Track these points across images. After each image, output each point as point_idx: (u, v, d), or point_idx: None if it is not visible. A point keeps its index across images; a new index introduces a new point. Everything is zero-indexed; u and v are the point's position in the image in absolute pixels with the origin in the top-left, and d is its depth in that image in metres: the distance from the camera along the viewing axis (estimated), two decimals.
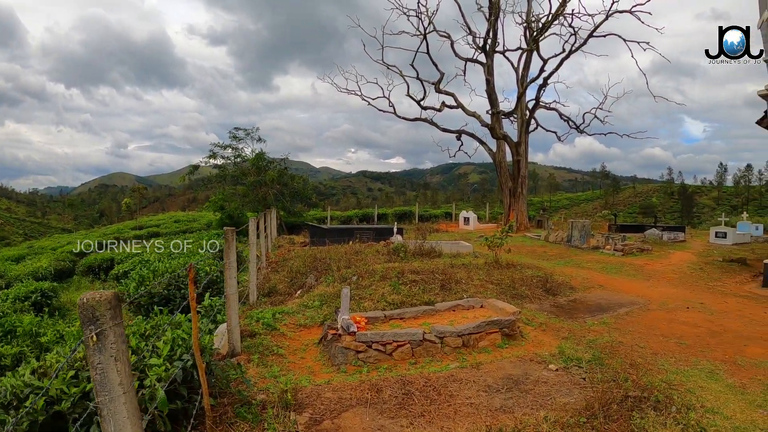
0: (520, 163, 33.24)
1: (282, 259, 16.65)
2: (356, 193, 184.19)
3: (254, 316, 8.82)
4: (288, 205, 35.36)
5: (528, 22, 34.68)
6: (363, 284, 11.30)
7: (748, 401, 6.22)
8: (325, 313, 9.41)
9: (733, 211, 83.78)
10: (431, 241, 18.30)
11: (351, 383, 6.33)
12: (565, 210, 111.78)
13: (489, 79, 34.62)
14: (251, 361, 6.93)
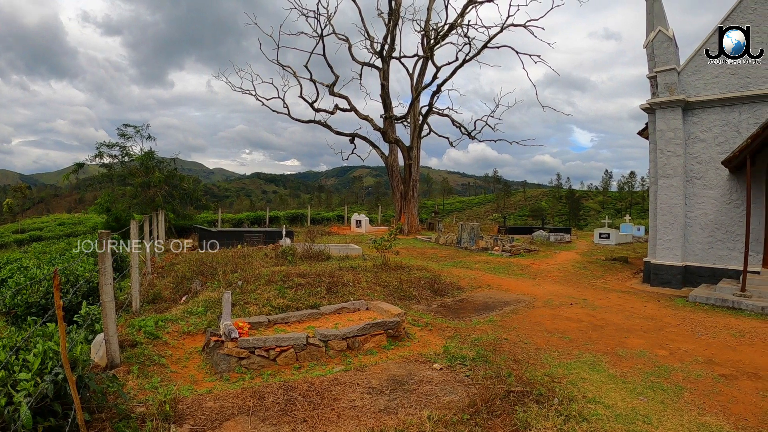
0: (412, 167, 33.84)
1: (168, 264, 16.21)
2: (250, 195, 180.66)
3: (136, 324, 8.49)
4: (177, 207, 34.27)
5: (426, 31, 35.39)
6: (248, 289, 11.15)
7: (629, 389, 6.50)
8: (209, 319, 9.21)
9: (617, 214, 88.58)
10: (320, 244, 18.34)
11: (233, 391, 6.17)
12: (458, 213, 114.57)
13: (384, 84, 35.03)
14: (131, 372, 6.60)
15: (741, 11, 15.45)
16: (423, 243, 26.60)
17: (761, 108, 15.09)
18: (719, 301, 12.85)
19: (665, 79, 16.51)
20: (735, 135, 15.48)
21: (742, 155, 13.68)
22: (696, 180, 16.23)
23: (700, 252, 16.09)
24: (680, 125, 16.27)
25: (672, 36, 16.69)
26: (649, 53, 17.15)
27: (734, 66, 15.64)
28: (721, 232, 15.73)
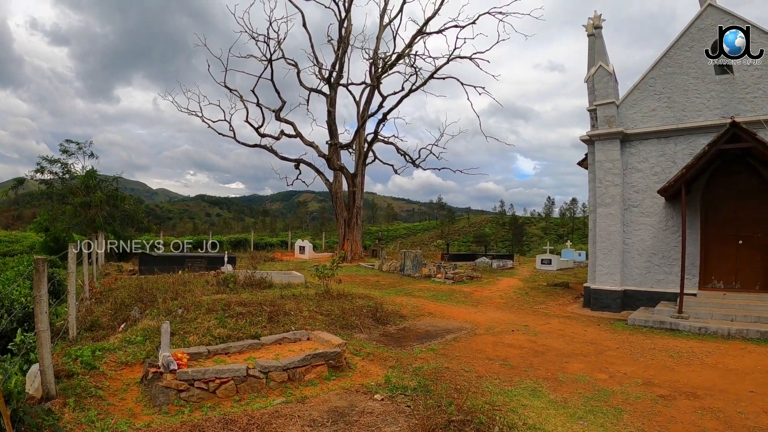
0: (356, 194, 33.84)
1: (107, 289, 15.71)
2: (194, 218, 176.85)
3: (72, 353, 8.13)
4: (118, 229, 33.20)
5: (374, 59, 35.72)
6: (188, 317, 10.84)
7: (569, 414, 6.52)
8: (148, 349, 8.90)
9: (560, 239, 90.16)
10: (263, 271, 18.04)
11: (172, 425, 5.88)
12: (403, 239, 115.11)
13: (331, 111, 35.09)
14: (67, 405, 6.25)
15: (658, 70, 16.96)
16: (366, 270, 26.51)
17: (696, 139, 15.86)
18: (657, 323, 13.22)
19: (605, 113, 17.23)
20: (671, 165, 16.15)
21: (677, 184, 14.25)
22: (633, 208, 16.81)
23: (638, 276, 16.59)
24: (618, 156, 16.95)
25: (612, 71, 17.52)
26: (589, 87, 17.93)
27: (670, 100, 16.55)
28: (658, 257, 16.29)
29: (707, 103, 16.11)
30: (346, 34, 35.51)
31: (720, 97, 15.94)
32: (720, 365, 9.36)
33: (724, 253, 15.37)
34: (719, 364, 9.47)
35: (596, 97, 17.61)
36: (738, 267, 15.18)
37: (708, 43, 16.31)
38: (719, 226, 15.50)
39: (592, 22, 18.36)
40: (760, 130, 14.52)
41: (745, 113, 15.33)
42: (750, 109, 15.42)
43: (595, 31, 18.22)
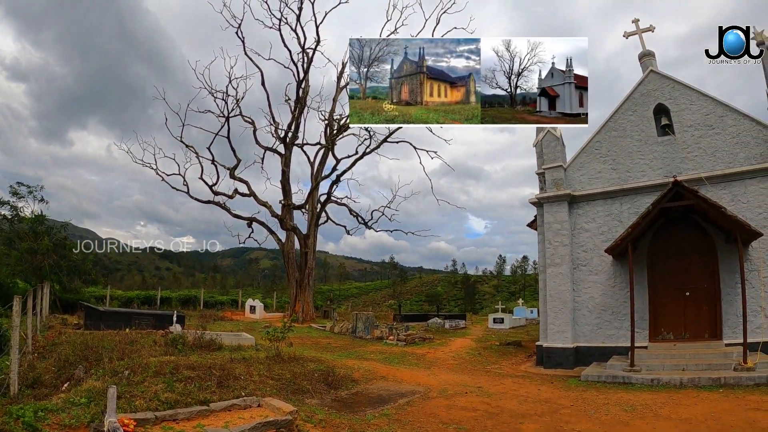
0: (308, 255, 33.63)
1: (51, 344, 15.08)
2: (143, 271, 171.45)
3: (14, 412, 7.73)
4: (64, 279, 31.89)
5: (329, 121, 36.15)
6: (135, 380, 10.45)
7: None
8: (93, 412, 8.49)
9: (512, 297, 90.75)
10: (213, 331, 17.65)
11: None
12: (355, 299, 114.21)
13: (285, 170, 35.12)
14: None
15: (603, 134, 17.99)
16: (318, 332, 26.14)
17: (640, 199, 16.49)
18: (610, 378, 13.35)
19: (553, 176, 17.88)
20: (617, 224, 16.67)
21: (624, 243, 14.67)
22: (582, 267, 17.19)
23: (589, 333, 16.82)
24: (566, 217, 17.49)
25: (559, 136, 18.34)
26: (538, 152, 18.67)
27: (615, 162, 17.41)
28: (608, 313, 16.60)
29: (650, 163, 16.93)
30: (304, 94, 35.95)
31: (662, 157, 16.79)
32: (674, 416, 9.41)
33: (672, 305, 15.81)
34: (673, 414, 9.52)
35: (544, 161, 18.31)
36: (686, 317, 15.61)
37: (650, 107, 17.36)
38: (666, 280, 15.98)
39: None
40: (702, 187, 15.27)
41: (687, 171, 16.14)
42: (691, 167, 16.25)
43: None
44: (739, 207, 15.40)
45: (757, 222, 14.94)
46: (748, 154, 15.87)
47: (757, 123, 15.98)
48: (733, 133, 16.22)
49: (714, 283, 15.34)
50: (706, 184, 15.68)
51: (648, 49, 18.42)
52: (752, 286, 14.81)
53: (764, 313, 14.68)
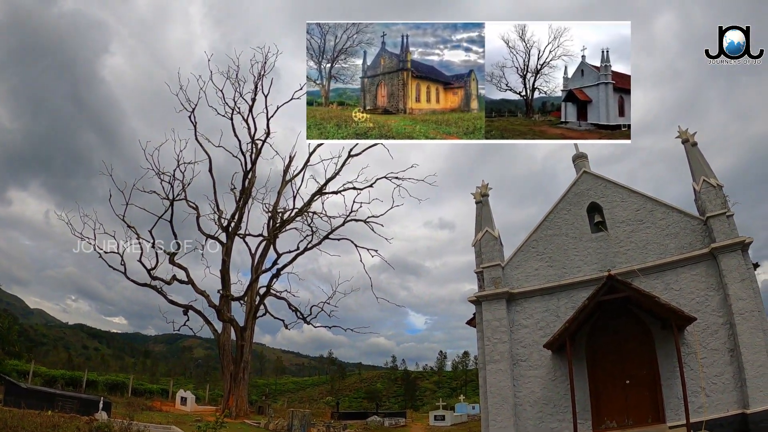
0: (244, 348, 32.47)
1: None
2: (69, 348, 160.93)
3: None
4: None
5: (273, 214, 36.00)
6: None
7: None
8: None
9: (453, 393, 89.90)
10: (141, 422, 16.77)
11: None
12: (292, 394, 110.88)
13: (225, 260, 34.39)
14: None
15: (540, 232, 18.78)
16: (252, 429, 25.11)
17: (577, 294, 16.94)
18: None
19: (491, 274, 18.34)
20: (555, 319, 17.04)
21: (562, 337, 15.03)
22: (522, 362, 17.35)
23: (532, 427, 16.74)
24: (505, 314, 17.81)
25: (497, 236, 19.02)
26: (477, 251, 19.22)
27: (551, 259, 18.09)
28: (550, 406, 16.60)
29: (585, 259, 17.62)
30: (250, 185, 35.82)
31: (597, 252, 17.55)
32: None
33: (613, 394, 16.10)
34: None
35: (483, 260, 18.80)
36: (628, 404, 15.89)
37: (584, 206, 18.37)
38: (606, 370, 16.34)
39: (479, 190, 20.13)
40: (636, 279, 16.01)
41: (621, 265, 16.85)
42: (625, 260, 17.02)
43: (482, 198, 19.93)
44: (673, 294, 16.14)
45: (691, 307, 15.73)
46: (678, 244, 16.85)
47: (685, 214, 17.18)
48: (662, 225, 17.23)
49: (653, 368, 15.82)
50: (639, 275, 16.41)
51: (581, 152, 19.71)
52: (690, 368, 15.33)
53: (704, 392, 15.13)
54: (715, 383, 15.30)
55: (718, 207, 16.46)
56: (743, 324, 15.13)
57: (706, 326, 15.76)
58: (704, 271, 16.30)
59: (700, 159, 17.55)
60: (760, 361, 14.74)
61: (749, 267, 16.10)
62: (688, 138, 17.97)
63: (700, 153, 17.75)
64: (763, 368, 14.67)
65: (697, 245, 16.61)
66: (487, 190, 20.12)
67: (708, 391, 15.25)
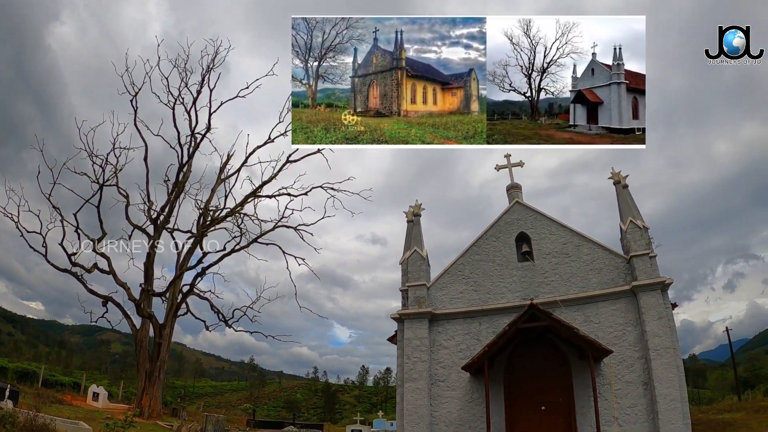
0: (162, 346, 31.45)
1: None
2: None
3: None
4: None
5: (204, 211, 35.14)
6: None
7: None
8: None
9: (373, 408, 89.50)
10: (48, 415, 16.11)
11: None
12: (209, 398, 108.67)
13: (151, 254, 33.28)
14: None
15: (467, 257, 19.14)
16: (164, 430, 24.38)
17: (498, 319, 17.32)
18: None
19: (416, 293, 18.53)
20: (475, 342, 17.34)
21: (480, 360, 15.30)
22: (440, 382, 17.53)
23: None
24: (426, 334, 17.98)
25: (425, 256, 19.24)
26: (403, 269, 19.43)
27: (476, 284, 18.47)
28: (465, 427, 16.80)
29: (510, 286, 18.06)
30: (184, 179, 35.12)
31: (521, 281, 18.01)
32: None
33: (529, 419, 16.41)
34: None
35: (409, 278, 18.99)
36: (543, 430, 16.23)
37: (513, 235, 18.84)
38: (523, 395, 16.62)
39: (412, 210, 20.40)
40: (557, 309, 16.55)
41: (544, 295, 17.35)
42: (548, 291, 17.55)
43: (414, 218, 20.18)
44: (592, 327, 16.74)
45: (608, 340, 16.34)
46: (601, 280, 17.49)
47: (610, 252, 17.85)
48: (587, 260, 17.85)
49: (569, 396, 16.25)
50: (561, 306, 16.96)
51: (515, 182, 20.22)
52: (605, 399, 15.93)
53: (617, 423, 15.75)
54: (629, 414, 15.91)
55: (642, 247, 17.16)
56: (658, 359, 15.80)
57: (623, 359, 16.41)
58: (624, 307, 16.96)
59: (629, 200, 18.27)
60: (672, 395, 15.41)
61: (667, 306, 16.82)
62: (620, 180, 18.70)
63: (630, 195, 18.48)
64: (675, 402, 15.34)
65: (619, 282, 17.27)
66: (420, 210, 20.41)
67: (621, 422, 15.86)
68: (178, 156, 35.70)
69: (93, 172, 33.48)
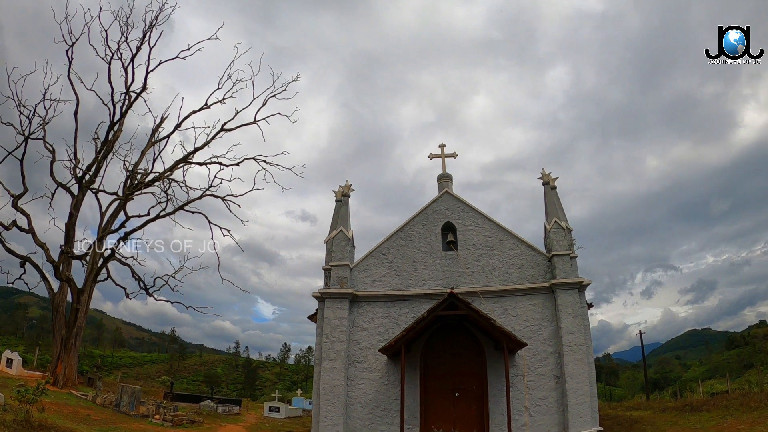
0: (79, 312, 30.33)
1: None
2: None
3: None
4: None
5: (132, 173, 34.03)
6: None
7: None
8: None
9: (293, 386, 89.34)
10: None
11: None
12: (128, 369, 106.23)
13: (73, 214, 31.87)
14: None
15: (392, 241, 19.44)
16: (78, 400, 23.75)
17: (418, 305, 17.64)
18: None
19: (338, 273, 18.60)
20: (395, 326, 17.65)
21: (397, 344, 15.58)
22: (358, 363, 17.80)
23: (362, 428, 17.16)
24: (346, 315, 18.14)
25: (351, 237, 19.38)
26: (328, 248, 19.44)
27: (399, 269, 18.78)
28: (380, 409, 17.16)
29: (432, 274, 18.46)
30: (114, 138, 33.72)
31: (444, 269, 18.42)
32: None
33: (443, 404, 16.96)
34: None
35: (333, 258, 19.03)
36: (456, 416, 16.81)
37: (440, 224, 19.21)
38: (438, 380, 17.19)
39: (342, 189, 20.48)
40: (476, 300, 17.02)
41: (465, 285, 17.85)
42: (469, 281, 18.02)
43: (343, 198, 20.27)
44: (509, 320, 17.39)
45: (524, 333, 17.00)
46: (522, 275, 18.15)
47: (532, 248, 18.54)
48: (510, 255, 18.46)
49: (483, 385, 16.93)
50: (480, 297, 17.50)
51: (446, 173, 20.59)
52: (517, 389, 16.67)
53: (528, 412, 16.48)
54: (539, 405, 16.65)
55: (564, 247, 17.90)
56: (570, 355, 16.59)
57: (537, 353, 17.12)
58: (541, 303, 17.68)
59: (555, 201, 18.98)
60: (582, 390, 16.22)
61: (583, 305, 17.69)
62: (549, 181, 19.39)
63: (557, 196, 19.22)
64: (584, 396, 16.16)
65: (539, 279, 17.99)
66: (350, 190, 20.49)
67: (532, 412, 16.59)
68: (110, 113, 34.27)
69: (19, 123, 31.80)
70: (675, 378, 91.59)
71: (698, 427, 18.94)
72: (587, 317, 17.69)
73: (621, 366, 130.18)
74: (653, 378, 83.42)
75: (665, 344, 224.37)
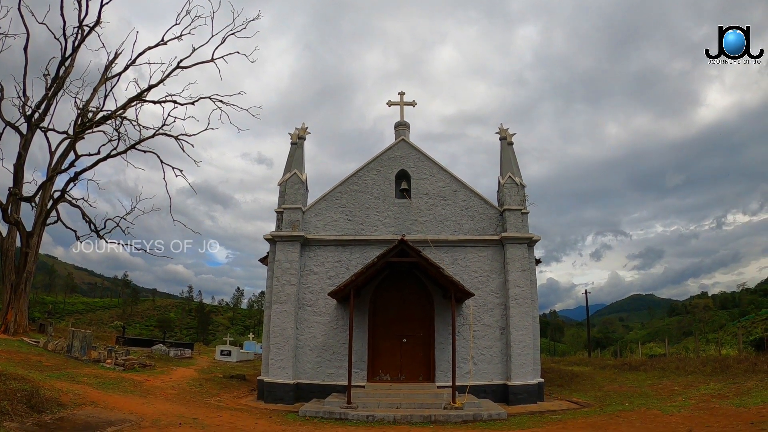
0: (29, 256, 29.58)
1: None
2: None
3: None
4: None
5: (83, 111, 33.01)
6: None
7: None
8: None
9: (246, 331, 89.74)
10: None
11: None
12: (81, 315, 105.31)
13: (22, 154, 30.72)
14: None
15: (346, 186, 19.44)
16: (29, 347, 23.39)
17: (369, 251, 17.87)
18: (328, 414, 13.95)
19: (290, 216, 18.56)
20: (345, 271, 17.87)
21: (347, 289, 15.70)
22: (308, 307, 17.99)
23: (311, 370, 17.50)
24: (297, 258, 18.19)
25: (305, 180, 19.31)
26: (281, 191, 19.32)
27: (352, 214, 18.87)
28: (329, 353, 17.54)
29: (384, 221, 18.62)
30: (65, 74, 32.41)
31: (396, 217, 18.61)
32: None
33: (390, 350, 17.48)
34: None
35: (285, 200, 18.92)
36: (403, 361, 17.38)
37: (394, 171, 19.31)
38: (386, 326, 17.63)
39: (297, 132, 20.19)
40: (427, 248, 17.27)
41: (416, 233, 18.09)
42: (420, 230, 18.26)
43: (298, 140, 19.99)
44: (458, 269, 17.83)
45: (472, 284, 17.50)
46: (473, 227, 18.56)
47: (485, 201, 18.93)
48: (463, 206, 18.79)
49: (430, 332, 17.49)
50: (431, 246, 17.77)
51: (404, 120, 20.48)
52: (463, 338, 17.14)
53: (473, 361, 17.08)
54: (484, 354, 17.28)
55: (516, 203, 18.36)
56: (516, 308, 17.23)
57: (483, 303, 17.66)
58: (491, 256, 18.17)
59: (511, 157, 19.28)
60: (525, 342, 16.94)
61: (531, 261, 18.24)
62: (507, 136, 19.62)
63: (513, 152, 19.51)
64: (527, 348, 16.89)
65: (490, 231, 18.43)
66: (305, 133, 20.24)
67: (476, 360, 17.19)
68: (62, 48, 32.74)
69: None
70: (617, 338, 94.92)
71: (635, 385, 19.91)
72: (534, 272, 18.27)
73: (566, 323, 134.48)
74: (596, 337, 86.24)
75: (610, 306, 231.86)
